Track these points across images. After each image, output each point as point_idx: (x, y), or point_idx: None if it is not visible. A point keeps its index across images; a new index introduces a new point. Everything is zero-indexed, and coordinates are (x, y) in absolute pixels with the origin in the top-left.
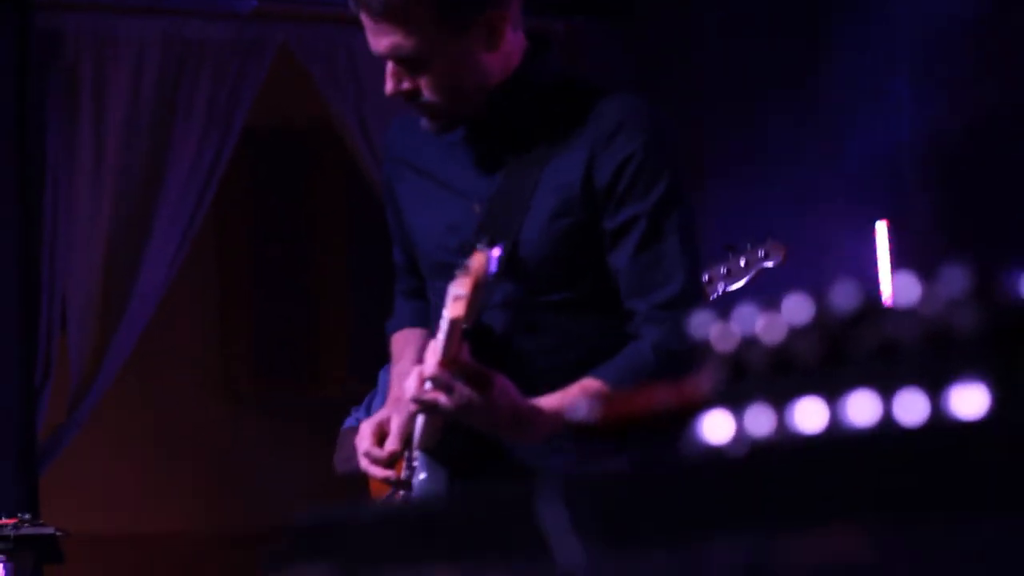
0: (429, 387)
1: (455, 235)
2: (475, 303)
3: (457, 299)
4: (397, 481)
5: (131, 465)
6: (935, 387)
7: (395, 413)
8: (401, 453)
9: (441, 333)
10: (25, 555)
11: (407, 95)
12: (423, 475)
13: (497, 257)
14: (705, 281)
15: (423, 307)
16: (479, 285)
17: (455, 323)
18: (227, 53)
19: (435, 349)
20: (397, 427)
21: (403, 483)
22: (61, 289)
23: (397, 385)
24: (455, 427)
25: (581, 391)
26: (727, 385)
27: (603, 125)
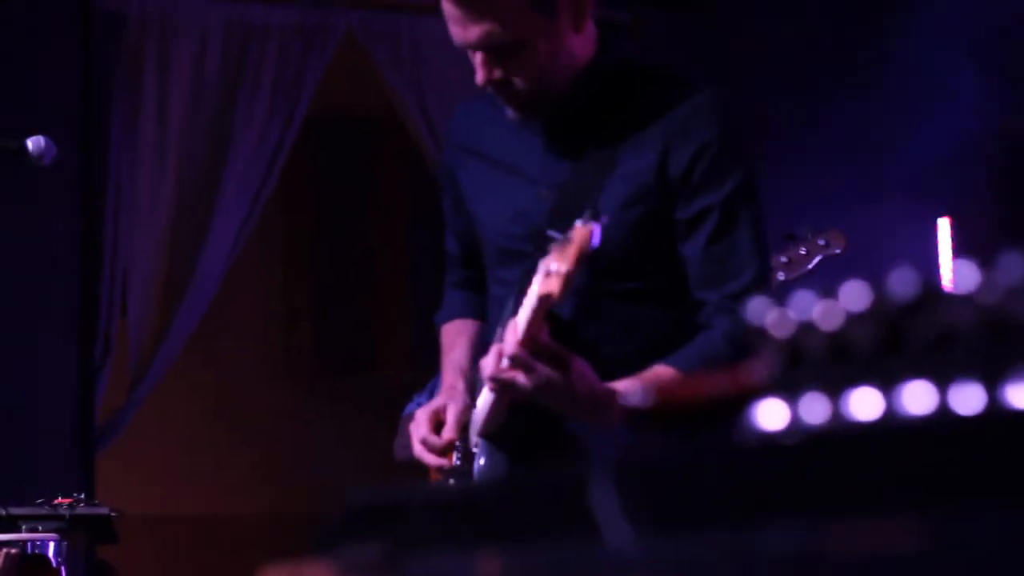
0: (506, 365)
1: (522, 222)
2: (571, 279)
3: (550, 275)
4: (450, 469)
5: (188, 445)
6: (992, 377)
7: (451, 402)
8: (455, 441)
9: (525, 310)
10: (79, 534)
11: (497, 84)
12: (482, 460)
13: (600, 231)
14: None
15: (473, 298)
16: (582, 258)
17: (545, 300)
18: (290, 39)
19: (515, 328)
20: (453, 415)
21: (455, 471)
22: (122, 271)
23: (451, 374)
24: (516, 412)
25: (655, 377)
26: (783, 372)
27: (679, 114)
